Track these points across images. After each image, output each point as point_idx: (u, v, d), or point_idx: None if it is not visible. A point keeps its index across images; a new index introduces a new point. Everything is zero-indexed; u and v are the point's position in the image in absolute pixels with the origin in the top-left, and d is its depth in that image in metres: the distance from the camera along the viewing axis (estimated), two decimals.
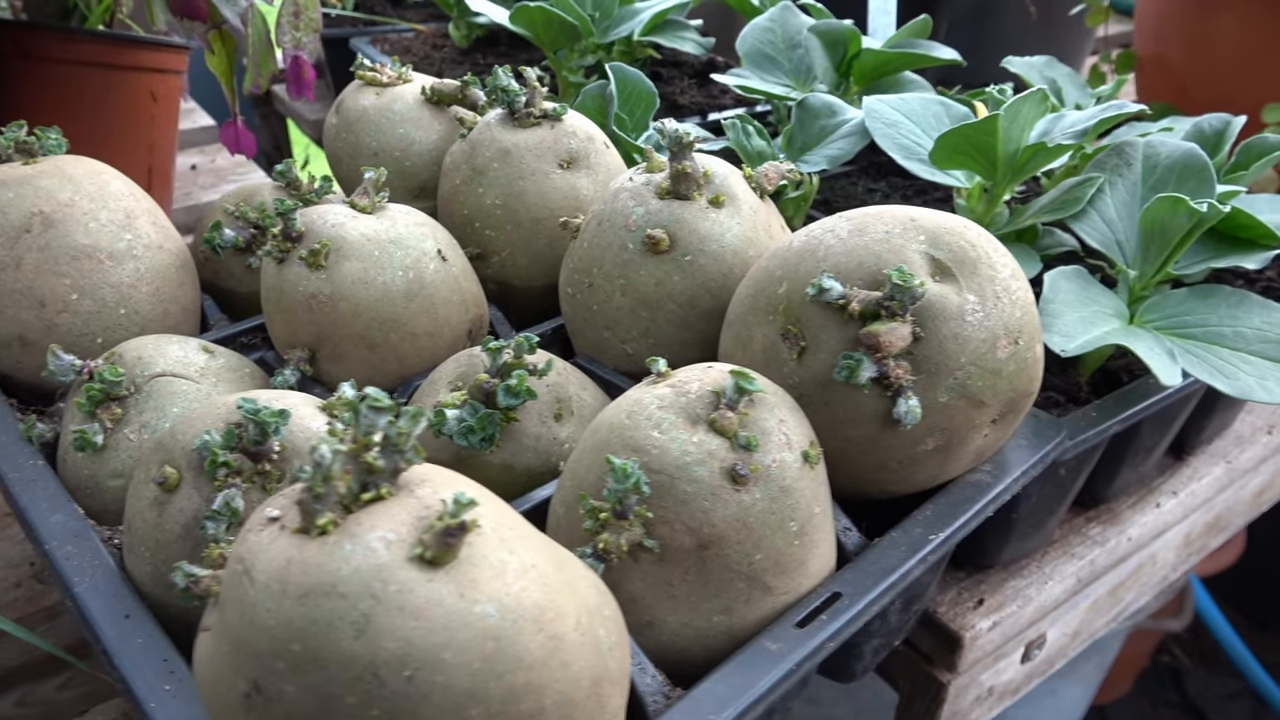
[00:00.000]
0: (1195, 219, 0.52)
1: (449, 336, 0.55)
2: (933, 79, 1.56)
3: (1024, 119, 0.59)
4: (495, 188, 0.60)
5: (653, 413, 0.38)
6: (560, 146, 0.60)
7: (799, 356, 0.42)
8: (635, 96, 0.80)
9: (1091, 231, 0.58)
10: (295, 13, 0.87)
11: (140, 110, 0.97)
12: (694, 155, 0.51)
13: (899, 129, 0.68)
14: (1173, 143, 0.60)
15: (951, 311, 0.40)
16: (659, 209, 0.51)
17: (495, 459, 0.46)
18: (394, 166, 0.65)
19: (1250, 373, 0.51)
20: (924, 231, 0.41)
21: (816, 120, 0.75)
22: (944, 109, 0.70)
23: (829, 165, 0.73)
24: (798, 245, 0.44)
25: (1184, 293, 0.56)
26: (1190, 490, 0.74)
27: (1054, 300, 0.52)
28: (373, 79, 0.67)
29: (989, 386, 0.41)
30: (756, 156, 0.75)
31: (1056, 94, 0.78)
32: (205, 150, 1.35)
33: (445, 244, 0.55)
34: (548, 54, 0.99)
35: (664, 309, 0.51)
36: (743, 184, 0.53)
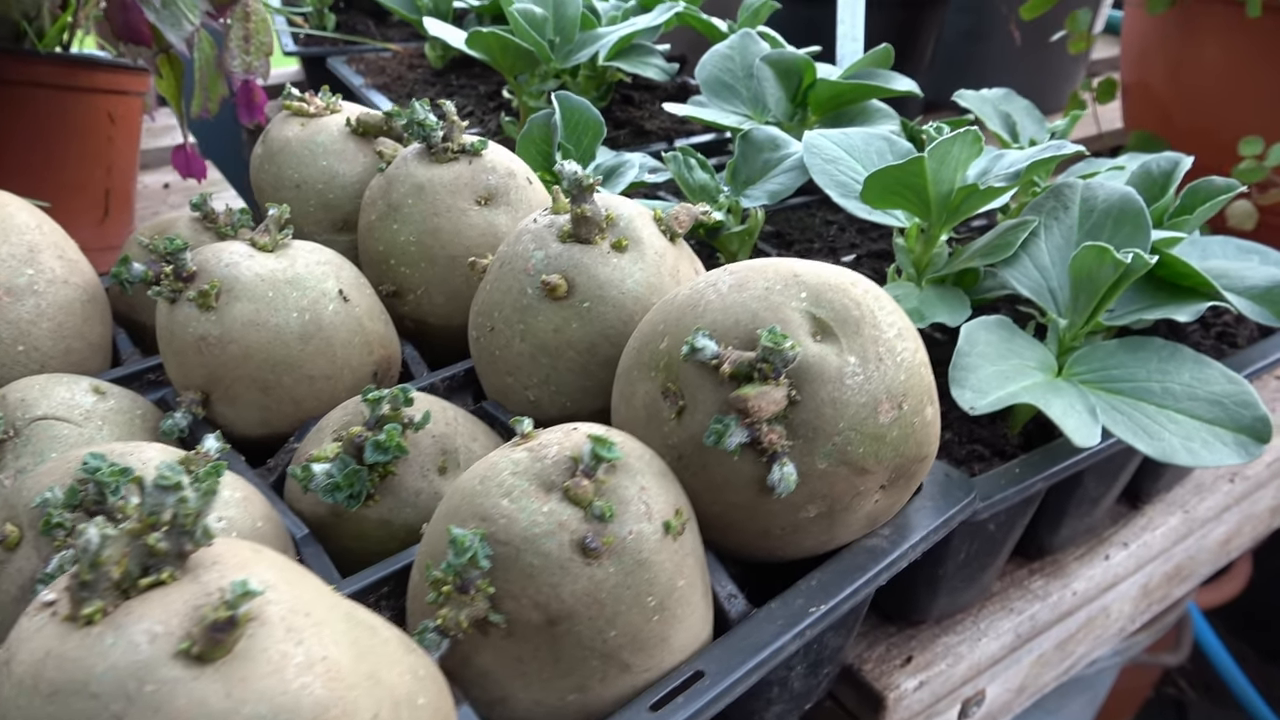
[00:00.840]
0: (1121, 270, 0.50)
1: (350, 379, 0.53)
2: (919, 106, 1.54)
3: (955, 159, 0.57)
4: (410, 224, 0.58)
5: (505, 479, 0.36)
6: (478, 182, 0.59)
7: (678, 416, 0.40)
8: (582, 125, 0.79)
9: (1023, 278, 0.56)
10: (245, 37, 0.86)
11: (97, 132, 0.96)
12: (595, 198, 0.50)
13: (838, 165, 0.66)
14: (1110, 186, 0.58)
15: (830, 374, 0.38)
16: (558, 253, 0.49)
17: (373, 514, 0.45)
18: (316, 199, 0.64)
19: (1175, 432, 0.48)
20: (806, 288, 0.39)
21: (760, 153, 0.73)
22: (888, 145, 0.68)
23: (770, 200, 0.71)
24: (680, 299, 0.42)
25: (1115, 345, 0.54)
26: (1143, 541, 0.71)
27: (969, 353, 0.49)
28: (299, 109, 0.66)
29: (871, 452, 0.39)
30: (699, 190, 0.73)
31: (1011, 129, 0.76)
32: None
33: (350, 283, 0.54)
34: (508, 79, 0.98)
35: (564, 356, 0.49)
36: (650, 227, 0.51)
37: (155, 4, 0.77)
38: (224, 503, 0.40)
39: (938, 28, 1.46)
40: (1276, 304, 0.54)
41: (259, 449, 0.53)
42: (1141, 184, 0.63)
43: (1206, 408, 0.49)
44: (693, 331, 0.39)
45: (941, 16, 1.45)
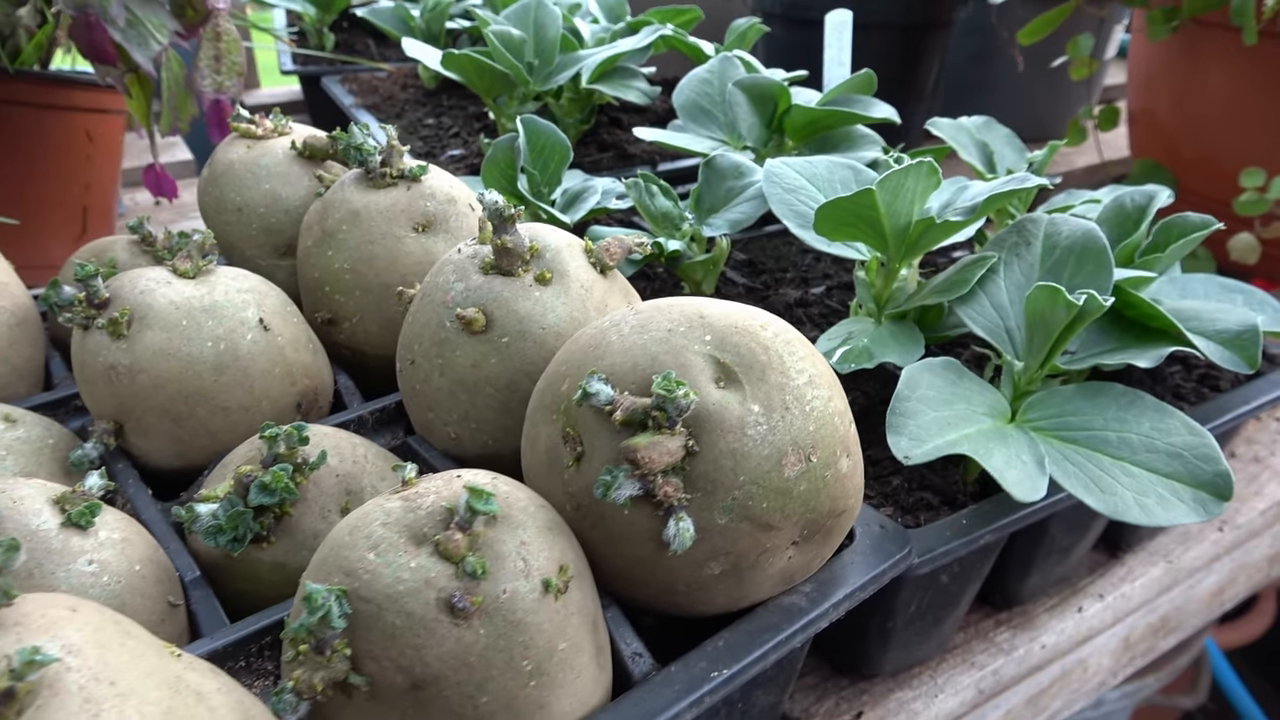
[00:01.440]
0: (1074, 312, 0.47)
1: (269, 411, 0.52)
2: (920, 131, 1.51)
3: (910, 191, 0.54)
4: (344, 251, 0.56)
5: (374, 530, 0.34)
6: (415, 209, 0.57)
7: (576, 463, 0.38)
8: (548, 149, 0.77)
9: (978, 317, 0.53)
10: (216, 57, 0.85)
11: (75, 150, 0.96)
12: (520, 229, 0.48)
13: (799, 195, 0.63)
14: (1075, 222, 0.55)
15: (731, 423, 0.36)
16: (479, 285, 0.47)
17: (267, 556, 0.43)
18: (259, 223, 0.62)
19: (1130, 486, 0.45)
20: (711, 330, 0.37)
21: (724, 181, 0.71)
22: (853, 174, 0.65)
23: (730, 229, 0.68)
24: (585, 339, 0.40)
25: (1072, 390, 0.51)
26: (1121, 593, 0.68)
27: (910, 397, 0.47)
28: (247, 131, 0.65)
29: (776, 508, 0.36)
30: (661, 218, 0.71)
31: (987, 159, 0.73)
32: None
33: (273, 311, 0.52)
34: (486, 100, 0.96)
35: (482, 393, 0.47)
36: (578, 259, 0.49)
37: (120, 24, 0.77)
38: (99, 545, 0.38)
39: (941, 51, 1.43)
40: (1246, 349, 0.51)
41: (176, 481, 0.52)
42: (1114, 218, 0.60)
43: (1165, 460, 0.46)
44: (587, 375, 0.36)
45: (945, 40, 1.43)
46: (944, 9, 1.36)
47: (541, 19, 0.95)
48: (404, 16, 1.25)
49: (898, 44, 1.38)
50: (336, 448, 0.45)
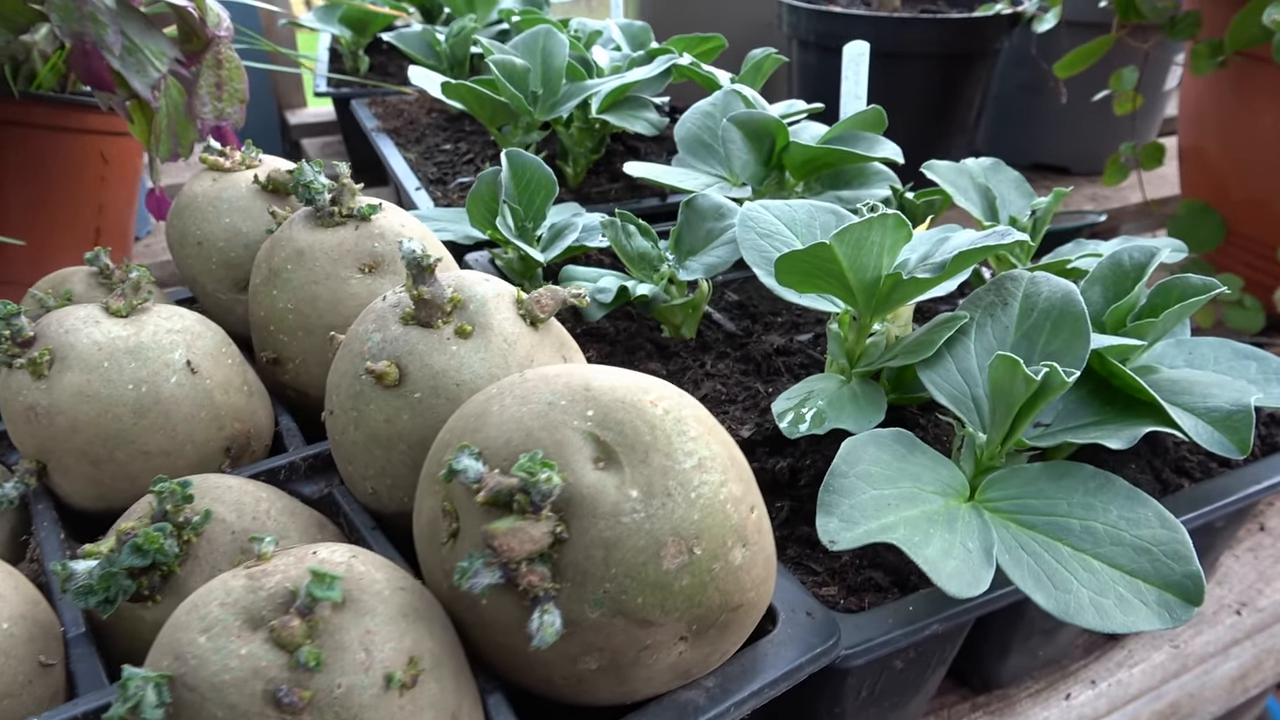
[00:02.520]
0: (1033, 387, 0.42)
1: (194, 456, 0.50)
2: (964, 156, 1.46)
3: (876, 245, 0.51)
4: (288, 291, 0.55)
5: (211, 611, 0.32)
6: (362, 249, 0.55)
7: (451, 539, 0.36)
8: (533, 184, 0.75)
9: (943, 383, 0.49)
10: (218, 84, 0.85)
11: (89, 172, 0.97)
12: (445, 277, 0.45)
13: (773, 240, 0.60)
14: (1055, 282, 0.51)
15: (604, 509, 0.33)
16: (395, 337, 0.45)
17: (150, 616, 0.41)
18: (218, 258, 0.62)
19: (1087, 583, 0.41)
20: (595, 404, 0.34)
21: (704, 222, 0.68)
22: (834, 219, 0.61)
23: (706, 273, 0.65)
24: (472, 406, 0.37)
25: (1038, 469, 0.46)
26: (1118, 679, 0.62)
27: (847, 473, 0.43)
28: (214, 164, 0.64)
29: (655, 603, 0.33)
30: (638, 259, 0.68)
31: (989, 204, 0.69)
32: None
33: (204, 352, 0.51)
34: (490, 130, 0.95)
35: (396, 449, 0.45)
36: (505, 311, 0.46)
37: (116, 51, 0.77)
38: None
39: (984, 82, 1.38)
40: (1237, 432, 0.46)
41: (101, 522, 0.51)
42: (1110, 276, 0.55)
43: (1131, 556, 0.41)
44: (458, 449, 0.34)
45: (989, 71, 1.37)
46: (987, 39, 1.31)
47: (549, 48, 0.94)
48: (430, 41, 1.26)
49: (937, 74, 1.33)
50: (237, 502, 0.44)
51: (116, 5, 0.78)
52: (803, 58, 1.41)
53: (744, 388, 0.63)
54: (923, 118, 1.36)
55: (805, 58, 1.40)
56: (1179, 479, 0.56)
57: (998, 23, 1.30)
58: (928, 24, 1.28)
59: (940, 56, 1.31)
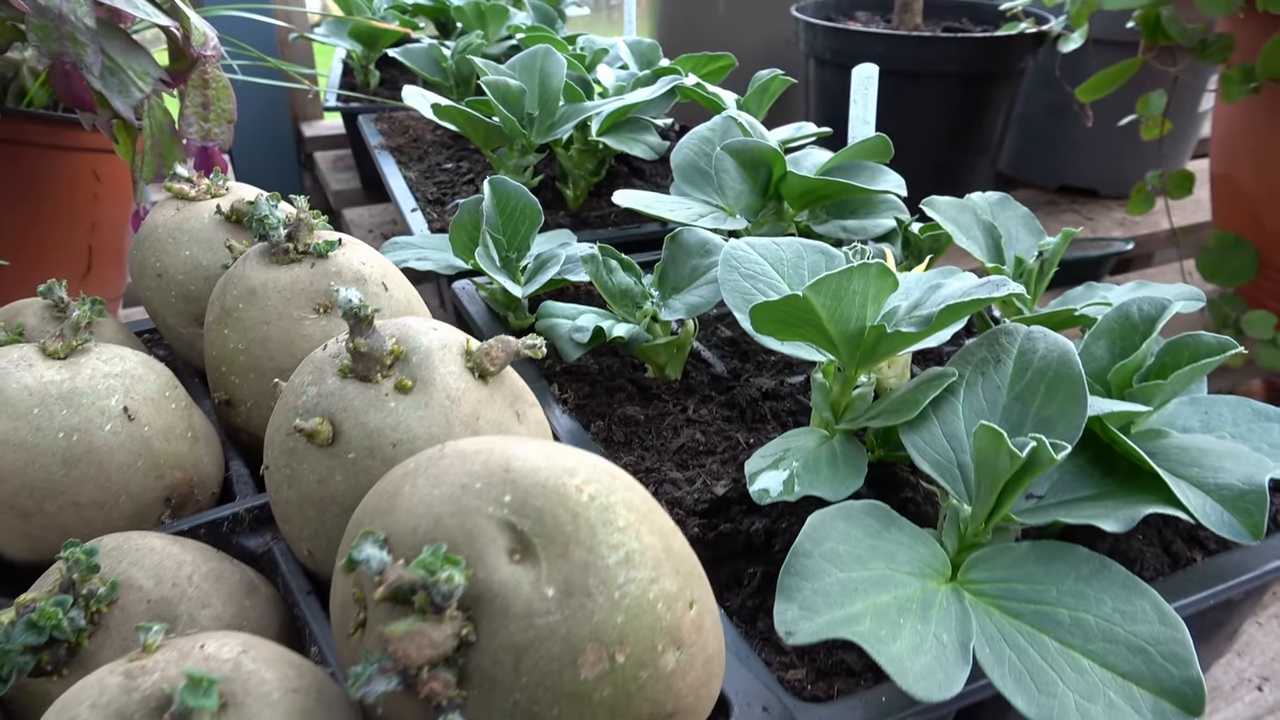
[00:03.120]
0: (1017, 464, 0.39)
1: (129, 508, 0.48)
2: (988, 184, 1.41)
3: (858, 295, 0.47)
4: (239, 331, 0.52)
5: (80, 714, 0.29)
6: (317, 288, 0.53)
7: (359, 629, 0.32)
8: (518, 213, 0.72)
9: (926, 448, 0.45)
10: (204, 104, 0.84)
11: (81, 190, 0.96)
12: (390, 327, 0.43)
13: (757, 282, 0.56)
14: (1053, 339, 0.47)
15: (516, 610, 0.29)
16: (331, 391, 0.42)
17: (57, 689, 0.38)
18: (178, 290, 0.59)
19: (1074, 686, 0.37)
20: (513, 489, 0.31)
21: (688, 259, 0.64)
22: (824, 260, 0.58)
23: (689, 314, 0.62)
24: (388, 484, 0.34)
25: (1027, 549, 0.42)
26: None
27: (812, 553, 0.39)
28: (179, 192, 0.62)
29: (572, 713, 0.30)
30: (619, 295, 0.65)
31: (994, 245, 0.64)
32: None
33: (144, 398, 0.48)
34: (485, 152, 0.92)
35: (329, 511, 0.42)
36: (450, 364, 0.43)
37: (96, 71, 0.76)
38: None
39: (1008, 103, 1.33)
40: (1249, 515, 0.41)
41: (37, 574, 0.48)
42: (1118, 330, 0.51)
43: (1125, 655, 0.37)
44: (361, 535, 0.31)
45: (1013, 91, 1.32)
46: (1011, 59, 1.26)
47: (548, 68, 0.91)
48: (436, 57, 1.23)
49: (958, 95, 1.29)
50: (157, 567, 0.41)
51: (97, 25, 0.76)
52: (819, 76, 1.37)
53: (724, 437, 0.59)
54: (943, 139, 1.32)
55: (822, 76, 1.36)
56: (1191, 551, 0.52)
57: (1022, 42, 1.25)
58: (949, 43, 1.24)
59: (962, 76, 1.27)
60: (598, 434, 0.61)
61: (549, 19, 1.47)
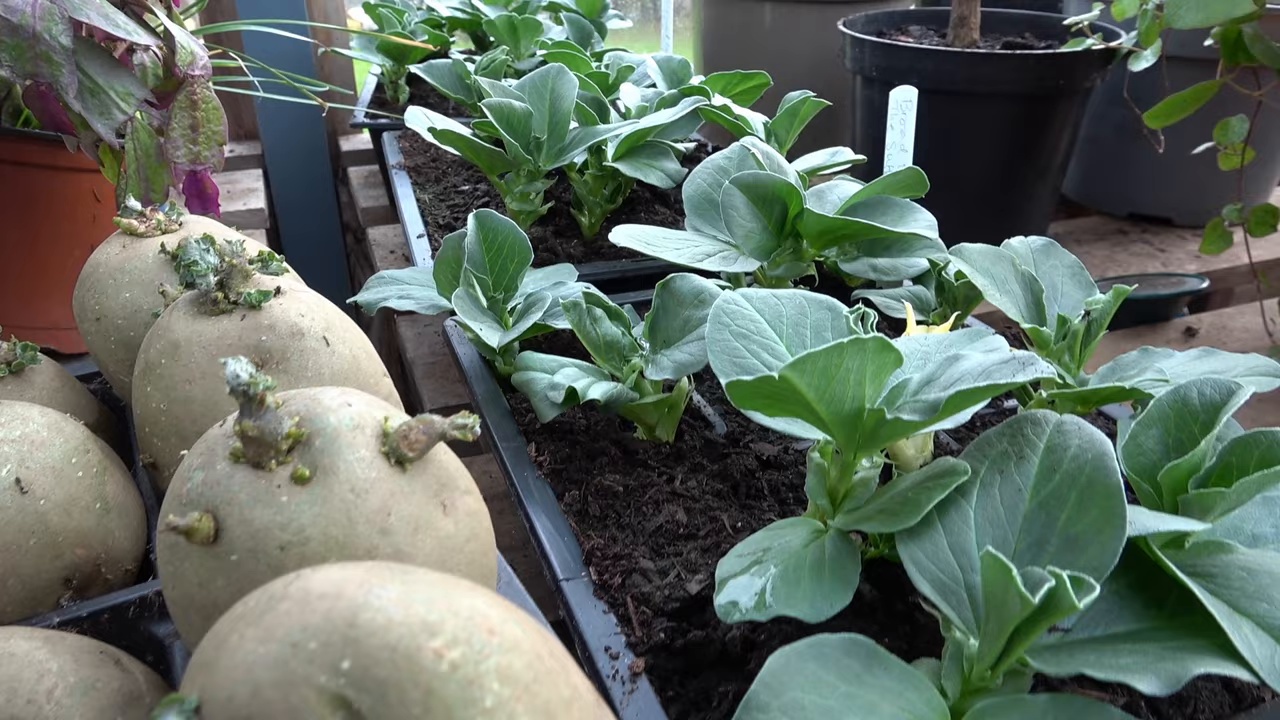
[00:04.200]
0: (1028, 609, 0.31)
1: (20, 591, 0.42)
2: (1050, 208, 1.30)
3: (853, 373, 0.40)
4: (161, 389, 0.47)
5: None
6: (248, 342, 0.47)
7: None
8: (506, 250, 0.66)
9: (928, 564, 0.37)
10: (193, 126, 0.80)
11: (80, 211, 0.93)
12: (272, 410, 0.36)
13: (751, 342, 0.49)
14: (1088, 433, 0.38)
15: None
16: (218, 479, 0.36)
17: None
18: (117, 336, 0.54)
19: None
20: (355, 651, 0.24)
21: (681, 309, 0.57)
22: (829, 318, 0.50)
23: (676, 374, 0.55)
24: (222, 627, 0.28)
25: (1045, 703, 0.34)
26: None
27: (770, 706, 0.32)
28: (128, 227, 0.57)
29: None
30: (605, 348, 0.58)
31: (1034, 301, 0.56)
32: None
33: (45, 467, 0.43)
34: (491, 178, 0.87)
35: (212, 619, 0.36)
36: (361, 449, 0.37)
37: (72, 93, 0.72)
38: None
39: (1072, 124, 1.23)
40: None
41: None
42: (1174, 417, 0.42)
43: None
44: (166, 704, 0.24)
45: (1077, 112, 1.22)
46: (1075, 77, 1.16)
47: (559, 89, 0.85)
48: (461, 74, 1.18)
49: (1016, 116, 1.19)
50: (11, 679, 0.35)
51: (75, 43, 0.72)
52: (866, 95, 1.28)
53: (710, 517, 0.52)
54: (1000, 164, 1.22)
55: (869, 94, 1.28)
56: (1259, 689, 0.43)
57: (1088, 59, 1.15)
58: (1006, 61, 1.14)
59: (1021, 96, 1.17)
60: (571, 505, 0.54)
61: (585, 34, 1.41)
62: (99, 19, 0.73)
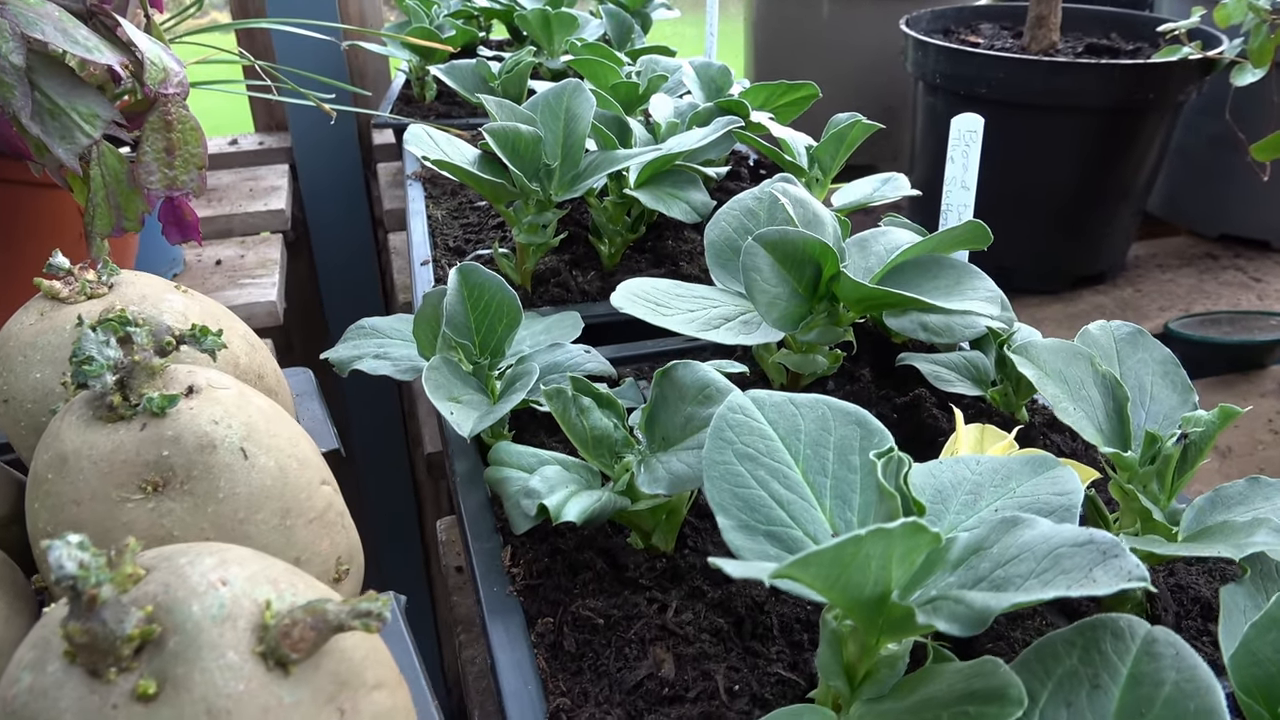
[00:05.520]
0: None
1: None
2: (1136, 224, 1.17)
3: (874, 560, 0.30)
4: (49, 508, 0.40)
5: None
6: (146, 459, 0.39)
7: None
8: (493, 310, 0.58)
9: None
10: (168, 149, 0.72)
11: (68, 230, 0.87)
12: (114, 602, 0.28)
13: (759, 467, 0.40)
14: (1188, 665, 0.29)
15: None
16: (45, 688, 0.28)
17: None
18: (27, 421, 0.47)
19: None
20: None
21: (683, 404, 0.48)
22: (859, 436, 0.41)
23: (670, 491, 0.46)
24: None
25: None
26: None
27: None
28: (50, 290, 0.50)
29: None
30: (593, 443, 0.50)
31: (1115, 413, 0.45)
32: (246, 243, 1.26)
33: None
34: (498, 207, 0.78)
35: None
36: (228, 653, 0.29)
37: (26, 115, 0.65)
38: None
39: (1160, 142, 1.10)
40: None
41: None
42: None
43: None
44: None
45: (1167, 128, 1.09)
46: (1167, 90, 1.03)
47: (574, 108, 0.75)
48: (485, 75, 1.10)
49: (1098, 131, 1.06)
50: None
51: (31, 60, 0.65)
52: (929, 103, 1.17)
53: (702, 672, 0.43)
54: (1077, 183, 1.09)
55: (932, 103, 1.16)
56: None
57: (1184, 70, 1.02)
58: (1088, 71, 1.02)
59: (1105, 111, 1.05)
60: (543, 637, 0.46)
61: (625, 29, 1.31)
62: (55, 34, 0.66)
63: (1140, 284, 1.17)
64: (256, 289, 1.13)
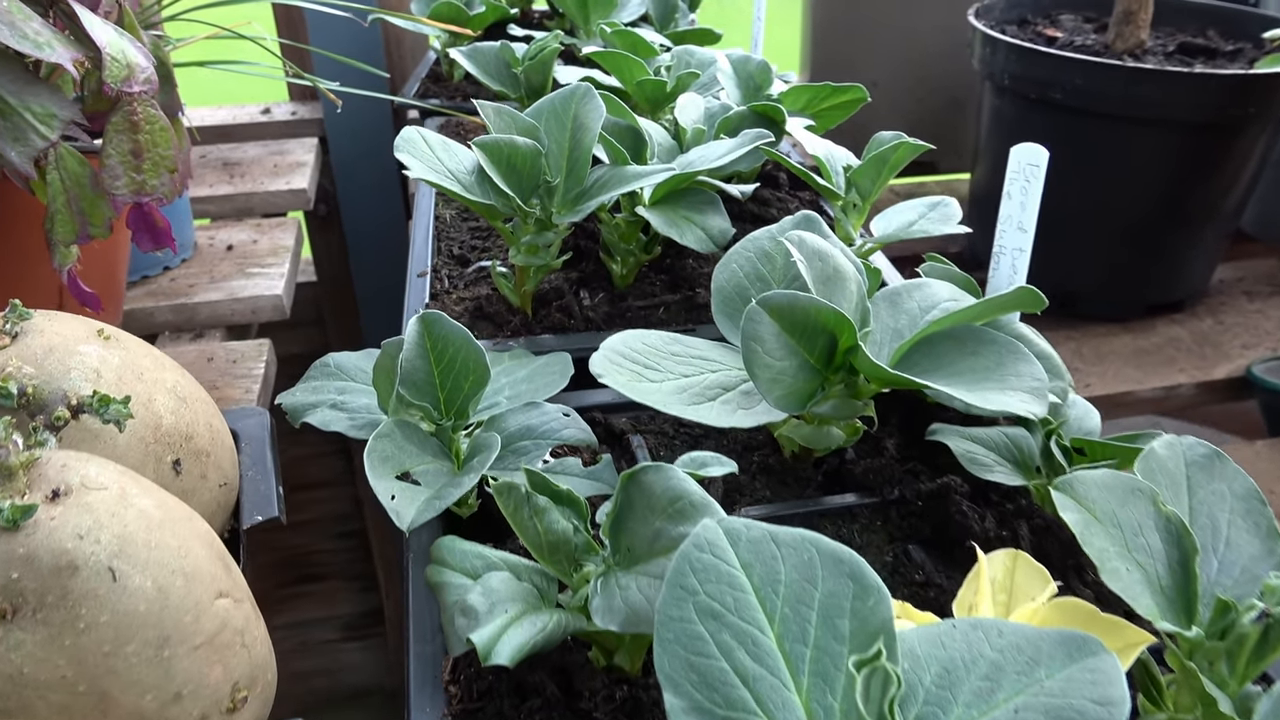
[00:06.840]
0: None
1: None
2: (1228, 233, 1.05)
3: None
4: None
5: None
6: None
7: None
8: (459, 366, 0.51)
9: None
10: (134, 152, 0.67)
11: None
12: None
13: (724, 628, 0.33)
14: None
15: None
16: None
17: None
18: None
19: None
20: None
21: (651, 516, 0.40)
22: (849, 593, 0.33)
23: (625, 628, 0.38)
24: None
25: None
26: None
27: None
28: None
29: None
30: (548, 550, 0.42)
31: (1181, 567, 0.36)
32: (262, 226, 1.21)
33: None
34: (495, 225, 0.70)
35: None
36: None
37: None
38: None
39: (1256, 159, 0.97)
40: None
41: None
42: None
43: None
44: None
45: (1266, 143, 0.97)
46: (1268, 103, 0.91)
47: (582, 117, 0.67)
48: (509, 59, 1.01)
49: (1185, 145, 0.94)
50: None
51: None
52: (995, 105, 1.05)
53: None
54: (1159, 200, 0.98)
55: (1000, 105, 1.04)
56: None
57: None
58: (1177, 80, 0.90)
59: (1191, 126, 0.93)
60: None
61: (669, 9, 1.22)
62: (2, 28, 0.60)
63: (1223, 314, 1.05)
64: (264, 280, 1.08)
